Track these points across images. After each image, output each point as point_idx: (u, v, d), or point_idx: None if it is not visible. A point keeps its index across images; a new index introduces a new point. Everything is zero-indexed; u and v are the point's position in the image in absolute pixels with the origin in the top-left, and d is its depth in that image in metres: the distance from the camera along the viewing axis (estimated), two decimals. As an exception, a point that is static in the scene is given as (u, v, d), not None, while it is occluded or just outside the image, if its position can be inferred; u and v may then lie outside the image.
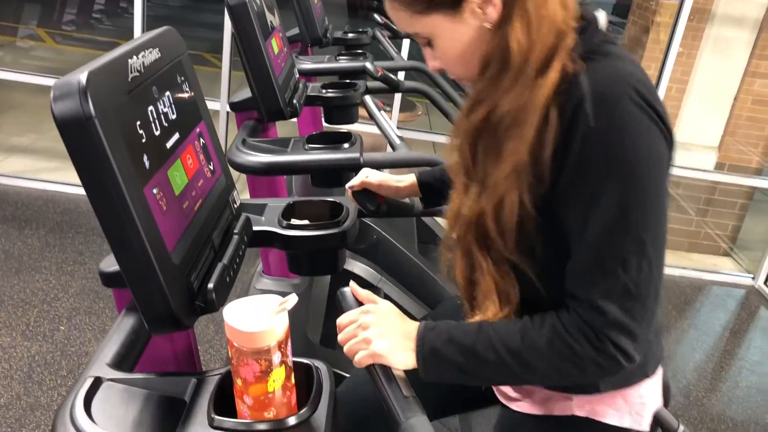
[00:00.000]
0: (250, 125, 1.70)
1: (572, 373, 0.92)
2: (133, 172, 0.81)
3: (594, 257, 0.90)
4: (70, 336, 2.72)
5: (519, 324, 0.95)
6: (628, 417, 1.09)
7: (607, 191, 0.87)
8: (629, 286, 0.88)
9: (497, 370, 0.94)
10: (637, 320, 0.89)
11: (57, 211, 3.69)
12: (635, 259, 0.88)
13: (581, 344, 0.90)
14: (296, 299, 0.78)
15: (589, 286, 0.90)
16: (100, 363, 0.87)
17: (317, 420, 0.79)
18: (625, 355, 0.90)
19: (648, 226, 0.88)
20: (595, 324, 0.89)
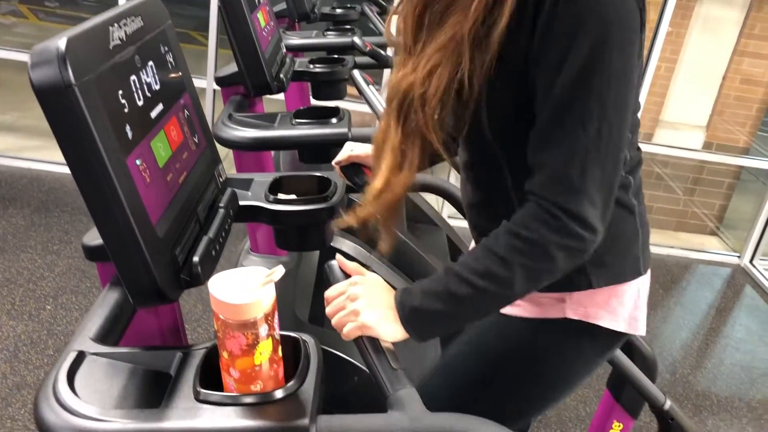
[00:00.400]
0: (236, 100, 1.68)
1: (545, 267, 0.91)
2: (115, 141, 0.79)
3: (555, 119, 0.89)
4: (57, 315, 2.70)
5: (477, 249, 0.95)
6: (622, 321, 1.09)
7: (574, 48, 0.86)
8: (589, 147, 0.87)
9: (479, 300, 0.93)
10: (595, 183, 0.88)
11: (42, 190, 3.65)
12: (596, 121, 0.87)
13: (537, 231, 0.89)
14: (283, 271, 0.76)
15: (549, 150, 0.90)
16: (83, 337, 0.86)
17: (305, 393, 0.78)
18: (585, 225, 0.89)
19: (611, 87, 0.87)
20: (548, 196, 0.89)
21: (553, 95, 0.89)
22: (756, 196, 4.68)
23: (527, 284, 0.93)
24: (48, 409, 0.74)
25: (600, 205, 0.90)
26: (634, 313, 1.10)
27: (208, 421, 0.75)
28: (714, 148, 4.58)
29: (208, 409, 0.76)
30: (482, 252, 0.93)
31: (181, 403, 0.77)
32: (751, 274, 4.17)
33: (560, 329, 1.09)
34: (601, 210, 0.90)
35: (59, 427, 0.73)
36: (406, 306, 0.95)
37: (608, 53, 0.87)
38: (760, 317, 3.72)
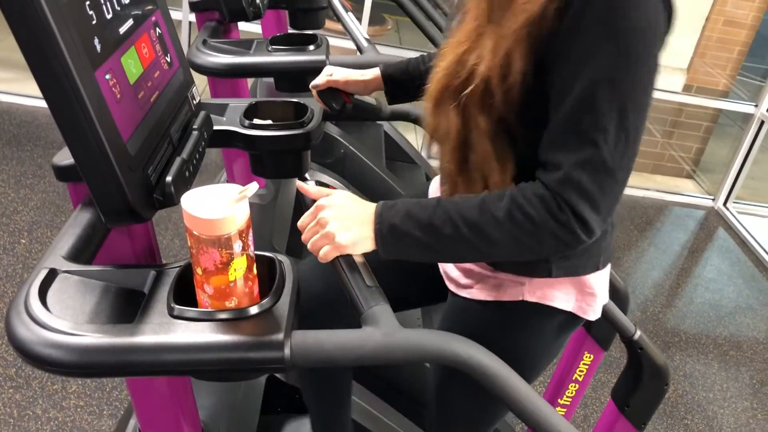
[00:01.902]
0: (211, 26, 1.63)
1: (530, 246, 0.91)
2: (83, 53, 0.77)
3: (574, 121, 0.88)
4: (32, 249, 2.68)
5: (478, 198, 0.93)
6: (575, 303, 1.10)
7: (600, 52, 0.85)
8: (604, 155, 0.87)
9: (456, 244, 0.93)
10: (604, 192, 0.88)
11: (14, 123, 3.57)
12: (614, 129, 0.86)
13: (541, 214, 0.89)
14: (257, 187, 0.75)
15: (565, 151, 0.89)
16: (55, 255, 0.84)
17: (279, 309, 0.78)
18: (585, 228, 0.89)
19: (633, 95, 0.87)
20: (561, 193, 0.88)
21: (573, 97, 0.87)
22: (733, 140, 4.72)
23: (508, 252, 0.93)
24: (19, 324, 0.74)
25: (604, 213, 0.90)
26: (588, 299, 1.11)
27: (183, 335, 0.75)
28: (694, 91, 4.58)
29: (182, 325, 0.76)
30: (479, 204, 0.92)
31: (154, 319, 0.76)
32: (725, 216, 4.24)
33: (517, 310, 1.10)
34: (604, 217, 0.90)
35: (31, 342, 0.73)
36: (385, 220, 0.94)
37: (634, 62, 0.86)
38: (730, 258, 3.81)
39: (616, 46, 0.85)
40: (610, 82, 0.85)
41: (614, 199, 0.91)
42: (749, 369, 2.93)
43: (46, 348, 0.72)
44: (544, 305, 1.09)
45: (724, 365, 2.91)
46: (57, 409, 2.05)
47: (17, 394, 2.07)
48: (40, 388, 2.10)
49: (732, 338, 3.10)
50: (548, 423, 0.80)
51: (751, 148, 4.13)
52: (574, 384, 1.85)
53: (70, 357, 0.72)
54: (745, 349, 3.05)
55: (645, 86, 0.88)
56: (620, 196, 0.92)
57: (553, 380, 1.91)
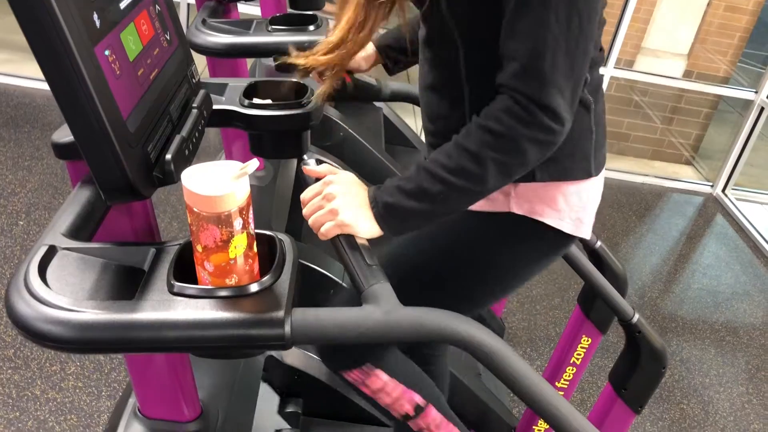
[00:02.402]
0: (210, 6, 1.62)
1: (515, 161, 0.92)
2: (82, 28, 0.76)
3: (525, 5, 0.87)
4: (30, 231, 2.68)
5: (451, 142, 0.94)
6: (567, 220, 1.09)
7: None
8: (559, 37, 0.87)
9: (450, 196, 0.94)
10: (565, 74, 0.88)
11: (11, 105, 3.55)
12: (566, 10, 0.86)
13: (508, 124, 0.89)
14: (257, 164, 0.75)
15: (520, 39, 0.89)
16: (54, 233, 0.84)
17: (280, 287, 0.78)
18: (555, 116, 0.89)
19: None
20: (521, 87, 0.88)
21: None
22: (732, 126, 4.71)
23: (500, 178, 0.93)
24: (19, 300, 0.74)
25: (569, 96, 0.90)
26: (580, 214, 1.10)
27: (183, 312, 0.75)
28: (694, 76, 4.57)
29: (182, 302, 0.76)
30: (454, 148, 0.93)
31: (154, 296, 0.76)
32: (723, 203, 4.24)
33: (506, 223, 1.09)
34: (570, 100, 0.90)
35: (31, 318, 0.73)
36: (379, 202, 0.95)
37: None
38: (728, 245, 3.81)
39: None
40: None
41: (577, 80, 0.90)
42: (745, 354, 2.94)
43: (46, 324, 0.72)
44: (533, 219, 1.08)
45: (720, 351, 2.93)
46: (56, 390, 2.06)
47: (16, 375, 2.07)
48: (39, 369, 2.11)
49: (729, 324, 3.11)
50: (547, 401, 0.80)
51: (751, 134, 4.13)
52: (571, 367, 1.87)
53: (70, 333, 0.72)
54: (742, 334, 3.06)
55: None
56: (583, 74, 0.92)
57: (551, 363, 1.92)
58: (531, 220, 1.08)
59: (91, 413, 2.00)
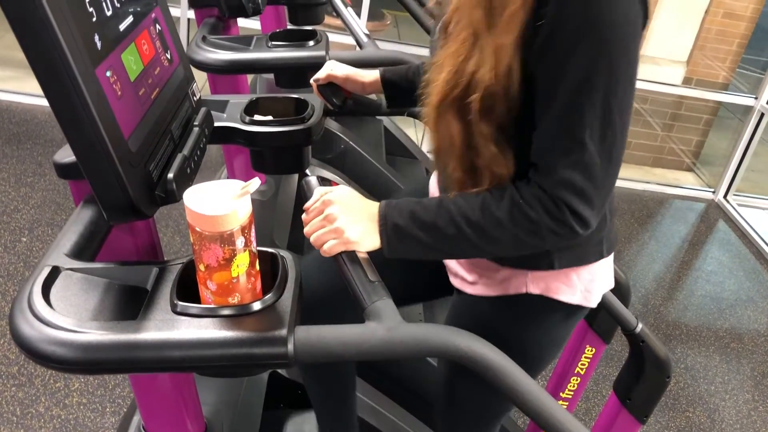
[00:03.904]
0: (210, 23, 1.63)
1: (531, 242, 0.94)
2: (84, 50, 0.77)
3: (561, 123, 0.89)
4: (33, 247, 2.68)
5: (479, 198, 0.95)
6: (579, 294, 1.11)
7: (579, 52, 0.85)
8: (593, 152, 0.88)
9: (459, 244, 0.95)
10: (597, 187, 0.90)
11: (13, 122, 3.57)
12: (600, 125, 0.88)
13: (539, 214, 0.91)
14: (259, 182, 0.75)
15: (555, 154, 0.90)
16: (57, 253, 0.85)
17: (283, 305, 0.79)
18: (582, 222, 0.92)
19: (617, 92, 0.87)
20: (555, 193, 0.90)
21: (557, 99, 0.88)
22: (732, 132, 4.72)
23: (511, 249, 0.96)
24: (23, 322, 0.74)
25: (598, 205, 0.92)
26: (589, 286, 1.12)
27: (186, 332, 0.75)
28: (694, 83, 4.57)
29: (185, 321, 0.76)
30: (480, 204, 0.94)
31: (158, 315, 0.77)
32: (725, 209, 4.24)
33: (523, 304, 1.11)
34: (599, 209, 0.93)
35: (35, 339, 0.73)
36: (389, 221, 0.96)
37: (615, 58, 0.86)
38: (731, 251, 3.81)
39: (593, 43, 0.85)
40: (592, 80, 0.86)
41: (607, 192, 0.93)
42: (750, 361, 2.93)
43: (50, 345, 0.72)
44: (549, 298, 1.10)
45: (725, 358, 2.92)
46: (60, 407, 2.05)
47: (20, 392, 2.07)
48: (43, 386, 2.11)
49: (733, 330, 3.11)
50: (551, 415, 0.80)
51: (751, 140, 4.13)
52: (575, 377, 1.86)
53: (74, 354, 0.72)
54: (746, 341, 3.05)
55: (627, 80, 0.88)
56: (613, 187, 0.95)
57: (555, 374, 1.92)
58: (547, 298, 1.10)
59: (96, 430, 2.00)
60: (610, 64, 0.86)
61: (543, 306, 1.11)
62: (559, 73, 0.87)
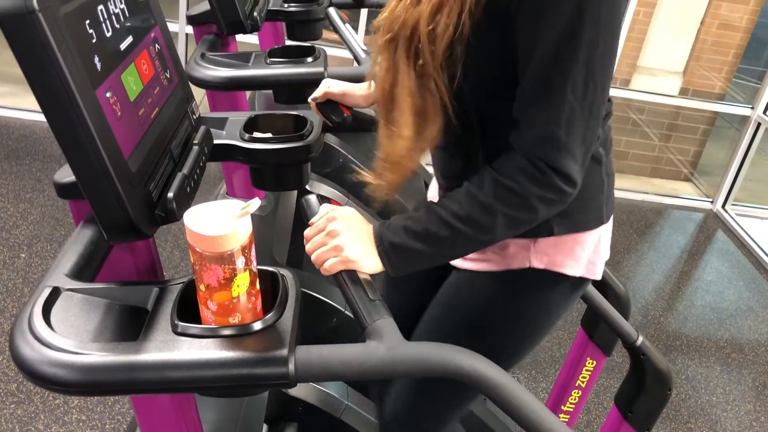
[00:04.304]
0: (209, 40, 1.64)
1: (524, 217, 0.93)
2: (84, 72, 0.77)
3: (543, 75, 0.89)
4: (32, 263, 2.68)
5: (461, 191, 0.95)
6: (582, 266, 1.11)
7: (559, 6, 0.85)
8: (575, 106, 0.88)
9: (457, 242, 0.95)
10: (578, 140, 0.90)
11: (12, 138, 3.57)
12: (582, 79, 0.87)
13: (522, 184, 0.91)
14: (258, 203, 0.76)
15: (537, 108, 0.90)
16: (58, 273, 0.85)
17: (283, 324, 0.78)
18: (567, 180, 0.91)
19: (598, 44, 0.87)
20: (537, 152, 0.90)
21: (539, 52, 0.88)
22: (730, 142, 4.73)
23: (507, 231, 0.95)
24: (24, 343, 0.74)
25: (580, 160, 0.92)
26: (593, 257, 1.12)
27: (187, 353, 0.75)
28: (690, 94, 4.59)
29: (186, 341, 0.76)
30: (465, 197, 0.94)
31: (159, 336, 0.76)
32: (723, 219, 4.25)
33: (526, 278, 1.11)
34: (581, 163, 0.92)
35: (36, 361, 0.73)
36: (385, 240, 0.95)
37: (597, 8, 0.85)
38: (730, 260, 3.81)
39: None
40: (573, 32, 0.86)
41: (588, 146, 0.92)
42: (751, 372, 2.92)
43: (51, 367, 0.72)
44: (553, 272, 1.09)
45: (726, 368, 2.91)
46: (59, 424, 2.04)
47: (19, 410, 2.06)
48: (42, 403, 2.10)
49: (734, 341, 3.10)
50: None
51: (749, 150, 4.14)
52: (577, 390, 1.86)
53: (75, 376, 0.72)
54: (747, 351, 3.05)
55: (610, 32, 0.88)
56: (593, 141, 0.94)
57: (556, 387, 1.91)
58: (551, 272, 1.09)
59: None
60: (594, 17, 0.85)
61: (547, 280, 1.10)
62: (541, 24, 0.87)
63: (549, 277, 1.10)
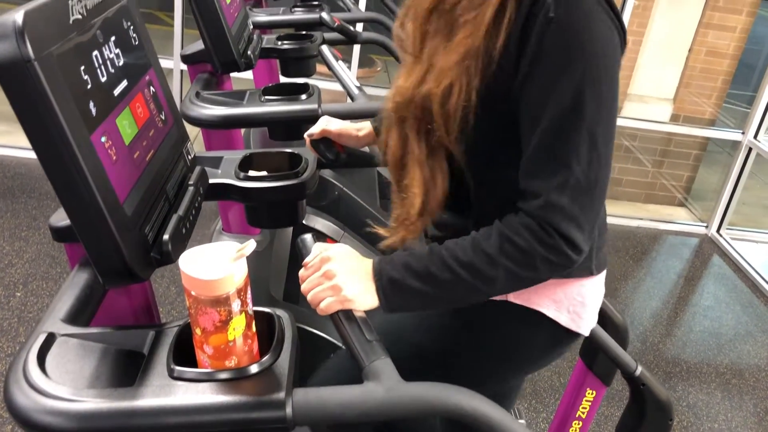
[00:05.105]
0: (203, 78, 1.65)
1: (527, 275, 0.94)
2: (79, 118, 0.78)
3: (547, 150, 0.91)
4: (27, 302, 2.66)
5: (468, 238, 0.96)
6: (565, 313, 1.10)
7: (564, 81, 0.88)
8: (580, 177, 0.90)
9: (455, 288, 0.95)
10: (585, 211, 0.91)
11: (8, 176, 3.57)
12: (587, 151, 0.89)
13: (529, 242, 0.91)
14: (254, 245, 0.76)
15: (541, 179, 0.91)
16: (53, 319, 0.84)
17: (280, 367, 0.78)
18: (574, 247, 0.92)
19: (600, 118, 0.89)
20: (545, 218, 0.91)
21: (542, 126, 0.90)
22: (722, 167, 4.76)
23: (508, 285, 0.96)
24: (18, 392, 0.73)
25: (587, 228, 0.93)
26: (578, 309, 1.11)
27: (183, 398, 0.74)
28: (681, 120, 4.64)
29: (182, 386, 0.75)
30: (471, 245, 0.94)
31: (155, 381, 0.76)
32: (719, 243, 4.25)
33: (503, 312, 1.10)
34: (588, 233, 0.93)
35: (30, 409, 0.72)
36: (384, 276, 0.95)
37: (597, 85, 0.88)
38: (727, 285, 3.81)
39: (578, 75, 0.88)
40: (576, 108, 0.88)
41: (595, 216, 0.94)
42: (752, 397, 2.90)
43: (47, 416, 0.72)
44: (530, 309, 1.08)
45: (727, 394, 2.89)
46: (54, 466, 2.01)
47: (14, 452, 2.04)
48: (37, 445, 2.07)
49: (733, 366, 3.09)
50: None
51: (741, 174, 4.17)
52: (577, 421, 1.84)
53: (70, 424, 0.72)
54: (747, 377, 3.03)
55: (610, 106, 0.91)
56: (600, 209, 0.96)
57: (557, 418, 1.90)
58: (528, 309, 1.09)
59: (91, 489, 1.96)
60: (595, 93, 0.88)
61: (526, 318, 1.09)
62: (543, 102, 0.89)
63: (527, 314, 1.09)
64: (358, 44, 3.19)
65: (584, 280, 1.10)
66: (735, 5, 4.33)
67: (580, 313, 1.11)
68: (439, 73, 0.93)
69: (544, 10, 0.87)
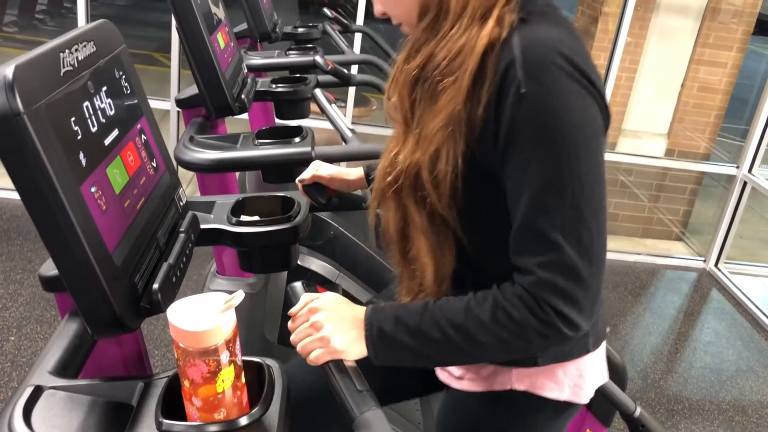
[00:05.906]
0: (197, 122, 1.66)
1: (518, 346, 0.91)
2: (68, 170, 0.78)
3: (531, 226, 0.88)
4: (21, 346, 2.64)
5: (463, 301, 0.94)
6: (567, 390, 1.08)
7: (537, 159, 0.85)
8: (571, 254, 0.86)
9: (445, 349, 0.93)
10: (582, 289, 0.87)
11: (4, 218, 3.57)
12: (573, 225, 0.86)
13: (523, 314, 0.88)
14: (243, 296, 0.75)
15: (530, 255, 0.89)
16: (41, 371, 0.83)
17: (269, 419, 0.77)
18: (570, 324, 0.88)
19: (583, 192, 0.86)
20: (539, 294, 0.88)
21: (524, 202, 0.88)
22: (718, 200, 4.77)
23: (499, 353, 0.94)
24: (3, 448, 0.72)
25: (587, 307, 0.89)
26: (579, 382, 1.09)
27: (171, 452, 0.73)
28: (676, 155, 4.66)
29: (170, 440, 0.74)
30: (465, 308, 0.92)
31: (142, 435, 0.75)
32: (717, 277, 4.24)
33: (508, 401, 1.09)
34: (588, 311, 0.90)
35: (15, 468, 0.71)
36: (374, 326, 0.94)
37: (575, 159, 0.85)
38: (726, 320, 3.78)
39: (552, 148, 0.85)
40: (555, 183, 0.85)
41: (594, 293, 0.89)
42: (756, 435, 2.87)
43: (30, 474, 0.70)
44: (535, 395, 1.07)
45: (730, 431, 2.85)
46: None
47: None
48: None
49: (736, 402, 3.05)
50: None
51: (737, 208, 4.18)
52: (578, 463, 1.81)
53: (54, 482, 0.70)
54: (750, 413, 2.99)
55: (593, 180, 0.87)
56: (600, 288, 0.91)
57: (557, 461, 1.86)
58: (533, 395, 1.07)
59: None
60: (572, 168, 0.85)
61: (530, 403, 1.08)
62: (523, 176, 0.87)
63: (531, 399, 1.08)
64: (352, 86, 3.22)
65: (583, 357, 1.09)
66: (725, 42, 4.39)
67: (581, 385, 1.10)
68: (426, 139, 0.92)
69: (515, 86, 0.84)
